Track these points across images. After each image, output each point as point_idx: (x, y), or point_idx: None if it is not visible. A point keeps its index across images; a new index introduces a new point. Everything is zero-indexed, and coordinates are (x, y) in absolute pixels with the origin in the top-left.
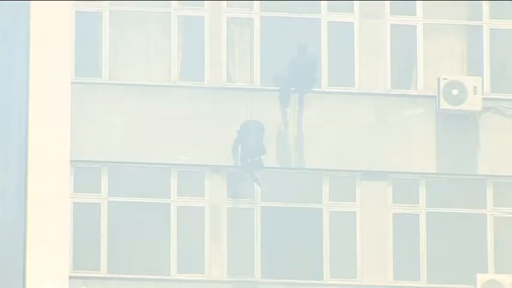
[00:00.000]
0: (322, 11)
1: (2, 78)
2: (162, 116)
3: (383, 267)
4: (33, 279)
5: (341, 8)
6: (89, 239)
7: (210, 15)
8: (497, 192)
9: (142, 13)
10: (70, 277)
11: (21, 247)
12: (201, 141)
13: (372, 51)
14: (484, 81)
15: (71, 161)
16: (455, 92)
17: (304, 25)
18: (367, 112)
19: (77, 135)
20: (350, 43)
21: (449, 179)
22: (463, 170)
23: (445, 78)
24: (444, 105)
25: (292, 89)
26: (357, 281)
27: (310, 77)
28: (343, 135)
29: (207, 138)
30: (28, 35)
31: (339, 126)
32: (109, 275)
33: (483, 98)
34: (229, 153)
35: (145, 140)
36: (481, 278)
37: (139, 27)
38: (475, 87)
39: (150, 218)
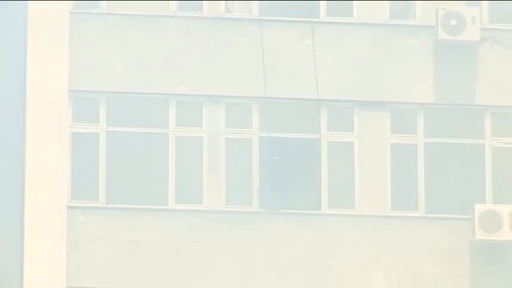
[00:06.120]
0: None
1: None
2: (160, 46)
3: (381, 197)
4: (32, 209)
5: None
6: (88, 169)
7: None
8: (495, 123)
9: None
10: (68, 207)
11: (20, 177)
12: (200, 71)
13: None
14: (483, 12)
15: (69, 90)
16: (453, 22)
17: None
18: (366, 42)
19: (76, 65)
20: None
21: (448, 109)
22: (461, 101)
23: (444, 9)
24: (442, 35)
25: None
26: (355, 211)
27: None
28: (341, 65)
29: (206, 69)
30: None
31: (337, 56)
32: (107, 205)
33: (481, 29)
34: (227, 83)
35: (144, 70)
36: (479, 208)
37: None
38: (473, 18)
39: (149, 148)
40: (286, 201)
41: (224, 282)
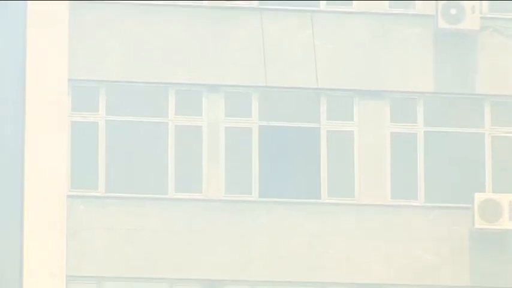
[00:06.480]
0: None
1: None
2: (160, 36)
3: (380, 186)
4: (31, 198)
5: None
6: (87, 158)
7: None
8: (495, 112)
9: None
10: (68, 196)
11: (19, 166)
12: (199, 60)
13: None
14: (482, 1)
15: (69, 80)
16: (453, 11)
17: None
18: (365, 32)
19: (75, 54)
20: None
21: (447, 98)
22: (461, 89)
23: None
24: (442, 24)
25: None
26: (354, 200)
27: None
28: (341, 54)
29: (205, 57)
30: None
31: (336, 45)
32: (107, 194)
33: (481, 18)
34: (227, 72)
35: (144, 59)
36: (478, 197)
37: None
38: (473, 7)
39: (148, 137)
40: (285, 190)
41: (223, 271)
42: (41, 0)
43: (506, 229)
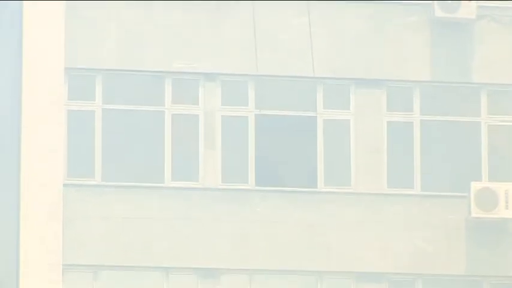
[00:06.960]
0: None
1: None
2: (157, 24)
3: (377, 175)
4: (28, 187)
5: None
6: (83, 147)
7: None
8: (491, 100)
9: None
10: (64, 184)
11: (16, 154)
12: (196, 49)
13: None
14: None
15: (65, 68)
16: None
17: None
18: (362, 20)
19: (72, 42)
20: None
21: (444, 87)
22: (457, 78)
23: None
24: (439, 13)
25: None
26: (351, 188)
27: None
28: (338, 43)
29: (202, 46)
30: None
31: (333, 34)
32: (103, 183)
33: (478, 6)
34: (223, 60)
35: (140, 48)
36: (474, 186)
37: None
38: None
39: (144, 125)
40: (282, 179)
41: (220, 260)
42: None
43: (503, 218)
